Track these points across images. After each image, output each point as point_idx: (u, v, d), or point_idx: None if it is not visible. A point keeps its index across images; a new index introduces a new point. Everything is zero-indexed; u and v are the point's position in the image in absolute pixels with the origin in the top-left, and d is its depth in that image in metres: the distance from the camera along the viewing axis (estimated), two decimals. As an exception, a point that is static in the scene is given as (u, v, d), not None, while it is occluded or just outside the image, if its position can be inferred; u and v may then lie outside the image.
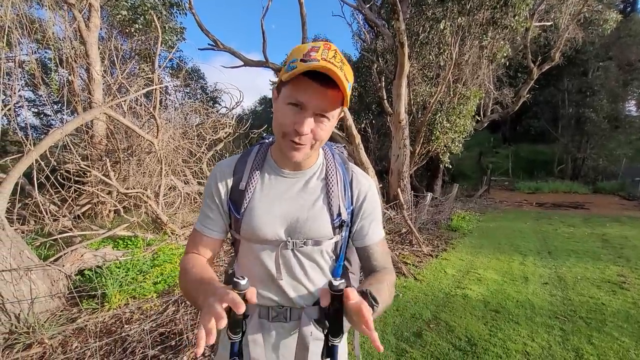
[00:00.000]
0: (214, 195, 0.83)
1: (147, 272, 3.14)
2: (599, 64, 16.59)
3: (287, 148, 0.73)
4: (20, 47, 4.13)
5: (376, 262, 0.86)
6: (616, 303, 3.19)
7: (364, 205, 0.86)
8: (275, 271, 0.80)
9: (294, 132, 0.70)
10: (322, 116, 0.70)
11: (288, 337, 0.82)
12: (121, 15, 7.66)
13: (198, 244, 0.84)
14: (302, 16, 6.69)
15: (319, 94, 0.67)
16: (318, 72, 0.65)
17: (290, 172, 0.83)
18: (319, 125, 0.71)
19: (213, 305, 0.54)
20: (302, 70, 0.64)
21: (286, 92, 0.70)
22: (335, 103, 0.70)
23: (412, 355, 2.30)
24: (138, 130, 4.11)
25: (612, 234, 6.40)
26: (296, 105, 0.69)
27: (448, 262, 4.55)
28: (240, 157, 0.86)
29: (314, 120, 0.70)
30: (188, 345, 2.22)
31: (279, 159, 0.83)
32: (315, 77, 0.66)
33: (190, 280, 0.74)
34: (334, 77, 0.64)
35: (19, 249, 2.62)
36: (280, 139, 0.74)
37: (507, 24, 8.04)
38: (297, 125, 0.69)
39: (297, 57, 0.66)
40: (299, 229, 0.79)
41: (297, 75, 0.66)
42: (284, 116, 0.71)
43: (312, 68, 0.64)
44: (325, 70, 0.63)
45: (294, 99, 0.68)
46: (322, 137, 0.73)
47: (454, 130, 9.11)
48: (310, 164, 0.84)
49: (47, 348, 2.24)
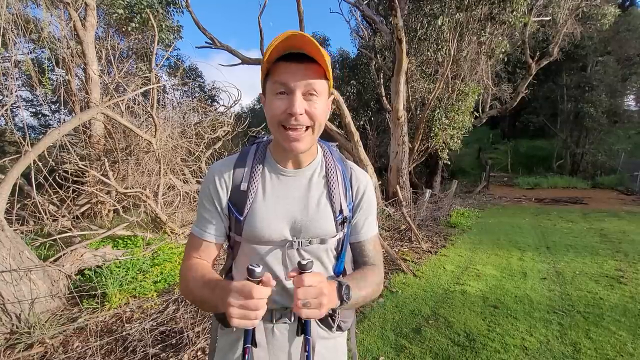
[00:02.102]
0: (212, 197, 0.81)
1: (147, 272, 3.15)
2: (597, 59, 16.52)
3: (286, 140, 0.72)
4: (16, 47, 4.11)
5: (367, 258, 0.88)
6: (614, 297, 3.21)
7: (362, 202, 0.87)
8: (282, 272, 0.79)
9: (288, 117, 0.70)
10: (310, 94, 0.70)
11: (293, 337, 0.82)
12: (117, 14, 7.61)
13: (198, 249, 0.82)
14: (299, 13, 6.67)
15: (299, 71, 0.69)
16: (292, 53, 0.68)
17: (291, 171, 0.82)
18: (310, 105, 0.71)
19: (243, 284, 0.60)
20: (277, 55, 0.68)
21: (269, 86, 0.72)
22: (318, 75, 0.70)
23: (412, 351, 2.32)
24: (136, 130, 4.11)
25: (611, 228, 6.42)
26: (283, 93, 0.70)
27: (447, 258, 4.57)
28: (238, 157, 0.84)
29: (304, 100, 0.70)
30: (188, 344, 2.24)
31: (278, 157, 0.82)
32: (291, 59, 0.68)
33: (199, 286, 0.73)
34: (308, 48, 0.66)
35: (19, 249, 2.62)
36: (277, 133, 0.73)
37: (506, 19, 8.01)
38: (289, 108, 0.69)
39: (268, 52, 0.68)
40: (305, 228, 0.79)
41: (272, 68, 0.70)
42: (275, 107, 0.71)
43: (284, 48, 0.66)
44: (297, 46, 0.66)
45: (279, 87, 0.70)
46: (317, 116, 0.72)
47: (453, 126, 9.11)
48: (309, 160, 0.83)
49: (48, 348, 2.26)
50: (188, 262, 0.81)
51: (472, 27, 8.28)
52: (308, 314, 0.61)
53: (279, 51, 0.67)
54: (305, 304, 0.60)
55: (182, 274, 0.79)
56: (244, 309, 0.58)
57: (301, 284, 0.61)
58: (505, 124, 23.41)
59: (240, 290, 0.59)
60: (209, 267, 0.80)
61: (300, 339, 0.81)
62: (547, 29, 11.86)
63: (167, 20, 8.96)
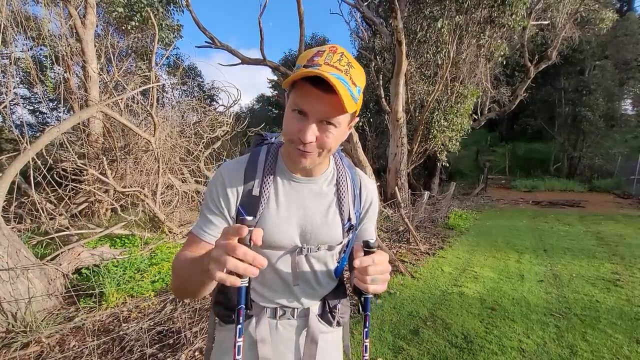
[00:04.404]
0: (220, 199, 0.78)
1: (144, 271, 3.14)
2: (595, 63, 16.66)
3: (295, 154, 0.72)
4: (15, 44, 4.10)
5: None
6: (610, 300, 3.22)
7: (370, 210, 0.90)
8: (291, 277, 0.80)
9: (298, 140, 0.68)
10: (327, 123, 0.67)
11: (296, 333, 0.84)
12: (117, 13, 7.59)
13: (194, 249, 0.77)
14: (299, 14, 6.67)
15: (320, 101, 0.64)
16: (319, 77, 0.61)
17: (302, 178, 0.81)
18: (324, 133, 0.68)
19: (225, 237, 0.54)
20: (299, 77, 0.62)
21: (291, 98, 0.69)
22: (340, 109, 0.64)
23: (409, 353, 2.32)
24: (135, 129, 4.10)
25: (607, 232, 6.45)
26: (300, 113, 0.67)
27: (445, 260, 4.58)
28: (249, 160, 0.82)
29: (318, 127, 0.67)
30: (186, 344, 2.23)
31: (290, 163, 0.80)
32: (316, 83, 0.62)
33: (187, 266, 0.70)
34: (332, 83, 0.60)
35: (16, 247, 2.61)
36: (288, 145, 0.73)
37: (505, 22, 8.05)
38: (300, 133, 0.67)
39: (302, 62, 0.65)
40: (314, 236, 0.79)
41: (298, 81, 0.65)
42: (289, 123, 0.69)
43: (307, 74, 0.61)
44: (321, 76, 0.60)
45: (297, 106, 0.67)
46: (328, 145, 0.70)
47: (452, 128, 9.14)
48: (321, 171, 0.82)
49: (45, 347, 2.24)
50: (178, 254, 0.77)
51: (471, 30, 8.32)
52: (375, 289, 0.64)
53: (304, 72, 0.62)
54: (375, 279, 0.63)
55: (172, 266, 0.76)
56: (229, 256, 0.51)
57: (372, 263, 0.63)
58: (503, 127, 23.54)
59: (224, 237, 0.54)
60: None
61: (304, 334, 0.83)
62: (545, 33, 11.94)
63: (167, 19, 8.95)
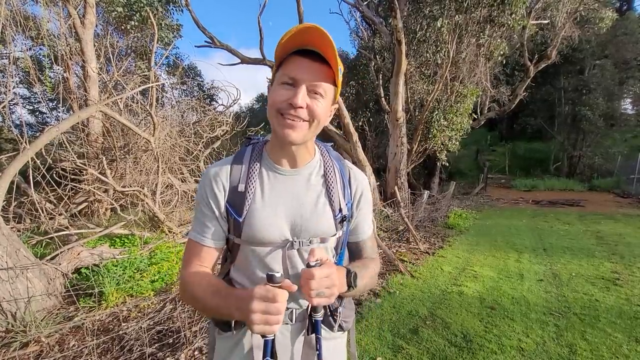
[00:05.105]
0: (209, 201, 0.79)
1: (144, 271, 3.14)
2: (595, 62, 16.64)
3: (281, 126, 0.71)
4: (14, 43, 4.09)
5: (366, 255, 0.92)
6: (610, 299, 3.22)
7: (361, 201, 0.88)
8: (284, 274, 0.79)
9: (288, 106, 0.69)
10: (315, 92, 0.70)
11: (294, 338, 0.81)
12: (117, 12, 7.59)
13: (198, 256, 0.79)
14: (299, 13, 6.66)
15: (310, 69, 0.69)
16: (308, 49, 0.67)
17: (288, 170, 0.80)
18: (313, 102, 0.70)
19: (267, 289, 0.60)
20: (293, 47, 0.67)
21: (279, 75, 0.72)
22: (327, 78, 0.71)
23: (409, 352, 2.32)
24: (134, 128, 4.09)
25: (607, 231, 6.45)
26: (289, 84, 0.70)
27: (444, 259, 4.58)
28: (234, 158, 0.83)
29: (308, 96, 0.70)
30: (186, 343, 2.23)
31: (275, 156, 0.80)
32: (306, 54, 0.68)
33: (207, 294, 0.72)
34: (326, 49, 0.66)
35: (15, 247, 2.61)
36: (275, 120, 0.73)
37: (504, 22, 8.05)
38: (292, 99, 0.69)
39: (285, 38, 0.67)
40: (305, 228, 0.78)
41: (288, 56, 0.69)
42: (277, 95, 0.71)
43: (302, 42, 0.66)
44: (315, 45, 0.66)
45: (287, 77, 0.70)
46: (317, 114, 0.71)
47: (451, 128, 9.14)
48: (307, 161, 0.82)
49: (44, 346, 2.24)
50: (190, 270, 0.79)
51: (471, 29, 8.31)
52: (320, 302, 0.64)
53: (295, 44, 0.68)
54: (319, 293, 0.63)
55: (186, 282, 0.77)
56: (267, 314, 0.59)
57: (313, 277, 0.63)
58: (503, 126, 23.54)
59: (264, 296, 0.60)
60: (214, 276, 0.80)
61: (301, 339, 0.81)
62: (545, 32, 11.93)
63: (166, 19, 8.95)
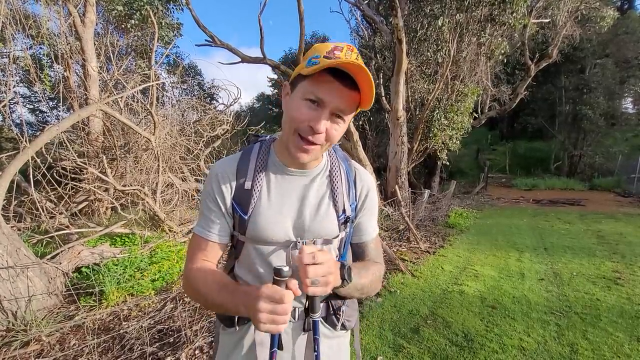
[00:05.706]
0: (216, 197, 0.79)
1: (144, 270, 3.14)
2: (596, 61, 16.60)
3: (296, 148, 0.70)
4: (14, 42, 4.08)
5: (369, 257, 0.90)
6: (611, 299, 3.22)
7: (366, 202, 0.87)
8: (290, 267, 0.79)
9: (308, 130, 0.67)
10: (337, 117, 0.68)
11: (296, 336, 0.81)
12: (117, 11, 7.57)
13: (203, 250, 0.80)
14: (299, 12, 6.65)
15: (339, 93, 0.66)
16: (340, 71, 0.64)
17: (295, 170, 0.80)
18: (333, 126, 0.69)
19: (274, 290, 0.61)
20: (329, 65, 0.62)
21: (304, 87, 0.68)
22: (353, 105, 0.69)
23: (410, 351, 2.32)
24: (135, 127, 4.09)
25: (608, 230, 6.44)
26: (314, 102, 0.67)
27: (445, 258, 4.58)
28: (242, 155, 0.82)
29: (329, 119, 0.68)
30: (186, 342, 2.23)
31: (283, 156, 0.80)
32: (338, 76, 0.65)
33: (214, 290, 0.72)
34: (362, 75, 0.63)
35: (16, 246, 2.61)
36: (290, 136, 0.71)
37: (505, 20, 8.02)
38: (313, 122, 0.66)
39: (320, 53, 0.65)
40: (309, 228, 0.78)
41: (319, 71, 0.64)
42: (298, 112, 0.68)
43: (341, 63, 0.62)
44: (354, 67, 0.63)
45: (313, 95, 0.66)
46: (334, 139, 0.71)
47: (452, 127, 9.12)
48: (316, 164, 0.82)
49: (45, 345, 2.24)
50: (195, 264, 0.79)
51: (472, 28, 8.29)
52: (315, 292, 0.63)
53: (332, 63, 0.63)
54: (314, 282, 0.62)
55: (190, 277, 0.77)
56: (274, 314, 0.59)
57: (312, 261, 0.62)
58: (503, 125, 23.51)
59: (271, 296, 0.60)
60: (220, 271, 0.79)
61: (304, 337, 0.81)
62: (546, 31, 11.90)
63: (166, 18, 8.92)
